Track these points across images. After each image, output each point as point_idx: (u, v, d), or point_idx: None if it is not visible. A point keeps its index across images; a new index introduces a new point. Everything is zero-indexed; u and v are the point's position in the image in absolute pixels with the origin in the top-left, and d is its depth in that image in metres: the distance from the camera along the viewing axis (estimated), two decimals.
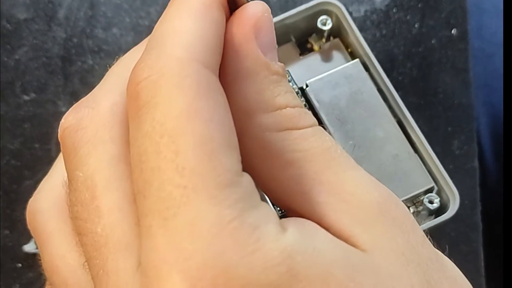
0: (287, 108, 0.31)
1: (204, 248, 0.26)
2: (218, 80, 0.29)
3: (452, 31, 0.51)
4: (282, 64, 0.32)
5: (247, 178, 0.28)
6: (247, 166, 0.30)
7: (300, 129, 0.31)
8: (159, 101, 0.27)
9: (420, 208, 0.40)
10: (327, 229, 0.29)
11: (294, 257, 0.26)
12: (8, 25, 0.51)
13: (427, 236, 0.31)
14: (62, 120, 0.31)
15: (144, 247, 0.27)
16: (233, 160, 0.28)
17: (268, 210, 0.28)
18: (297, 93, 0.42)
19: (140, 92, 0.28)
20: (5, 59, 0.50)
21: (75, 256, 0.33)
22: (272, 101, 0.31)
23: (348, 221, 0.29)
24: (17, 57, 0.50)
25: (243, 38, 0.31)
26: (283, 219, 0.29)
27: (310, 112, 0.32)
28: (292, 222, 0.28)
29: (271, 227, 0.27)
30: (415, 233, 0.30)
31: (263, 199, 0.28)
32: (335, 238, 0.28)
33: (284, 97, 0.31)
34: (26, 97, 0.49)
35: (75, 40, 0.51)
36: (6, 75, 0.50)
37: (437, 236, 0.41)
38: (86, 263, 0.30)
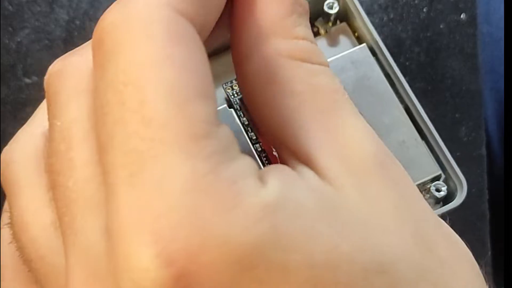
0: (305, 41, 0.30)
1: (176, 206, 0.23)
2: (195, 30, 0.27)
3: (461, 16, 0.50)
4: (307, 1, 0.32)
5: (224, 129, 0.26)
6: (249, 89, 0.30)
7: (313, 64, 0.30)
8: (124, 47, 0.25)
9: (427, 196, 0.40)
10: (315, 171, 0.27)
11: (276, 212, 0.25)
12: (10, 7, 0.50)
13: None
14: (50, 66, 0.30)
15: (108, 207, 0.25)
16: (209, 109, 0.26)
17: (248, 162, 0.26)
18: None
19: (105, 38, 0.26)
20: (7, 41, 0.50)
21: (47, 213, 0.30)
22: (293, 29, 0.30)
23: (339, 167, 0.27)
24: (18, 39, 0.50)
25: None
26: (263, 170, 0.27)
27: (323, 52, 0.31)
28: (273, 173, 0.26)
29: (250, 181, 0.25)
30: (410, 189, 0.29)
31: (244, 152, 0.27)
32: (320, 185, 0.27)
33: (304, 29, 0.30)
34: (27, 80, 0.49)
35: (77, 22, 0.50)
36: (8, 57, 0.49)
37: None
38: (57, 222, 0.28)
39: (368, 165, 0.28)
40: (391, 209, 0.27)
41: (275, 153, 0.39)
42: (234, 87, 0.41)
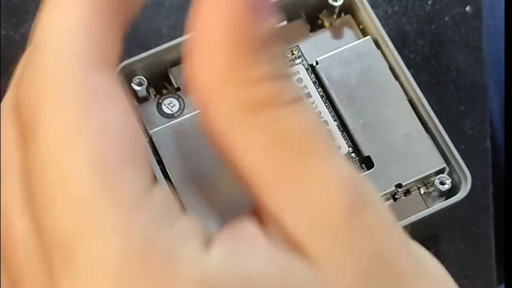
0: (265, 82, 0.25)
1: None
2: (112, 78, 0.25)
3: (466, 8, 0.50)
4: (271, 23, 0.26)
5: (159, 192, 0.24)
6: (214, 144, 0.26)
7: (276, 107, 0.25)
8: (40, 122, 0.24)
9: (431, 189, 0.40)
10: (281, 230, 0.24)
11: (215, 285, 0.22)
12: None
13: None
14: None
15: None
16: (139, 174, 0.24)
17: (189, 225, 0.24)
18: (307, 69, 0.41)
19: (23, 112, 0.25)
20: (11, 33, 0.50)
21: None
22: (246, 72, 0.25)
23: (305, 226, 0.24)
24: (22, 31, 0.50)
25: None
26: (214, 232, 0.25)
27: (294, 82, 0.26)
28: (224, 237, 0.24)
29: (191, 247, 0.23)
30: (390, 239, 0.25)
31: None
32: (276, 253, 0.24)
33: (264, 65, 0.25)
34: None
35: None
36: (12, 49, 0.49)
37: (448, 218, 0.40)
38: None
39: (340, 219, 0.24)
40: (361, 272, 0.23)
41: None
42: None
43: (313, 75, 0.41)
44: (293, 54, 0.42)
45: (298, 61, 0.42)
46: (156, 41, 0.50)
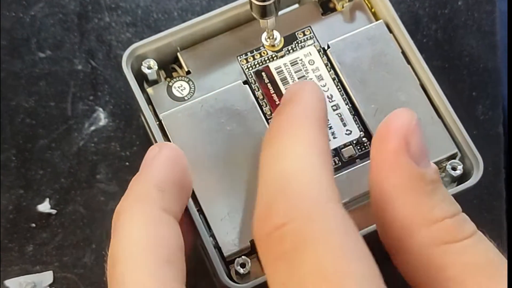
0: (445, 220, 0.32)
1: None
2: (347, 213, 0.30)
3: None
4: (434, 166, 0.33)
5: None
6: (411, 280, 0.32)
7: (459, 241, 0.31)
8: (310, 246, 0.28)
9: (443, 174, 0.39)
10: None
11: None
12: None
13: None
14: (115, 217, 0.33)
15: None
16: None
17: None
18: (319, 51, 0.41)
19: (284, 238, 0.29)
20: (21, 15, 0.49)
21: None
22: (429, 215, 0.32)
23: None
24: (32, 13, 0.50)
25: (395, 153, 0.32)
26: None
27: (468, 218, 0.32)
28: None
29: None
30: None
31: None
32: None
33: (440, 207, 0.32)
34: (41, 54, 0.49)
35: None
36: (22, 31, 0.49)
37: (459, 203, 0.40)
38: None
39: None
40: None
41: None
42: (249, 60, 0.40)
43: (324, 57, 0.41)
44: (305, 35, 0.42)
45: (309, 42, 0.41)
46: (167, 24, 0.50)
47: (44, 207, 0.46)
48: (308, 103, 0.33)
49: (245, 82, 0.40)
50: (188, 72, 0.41)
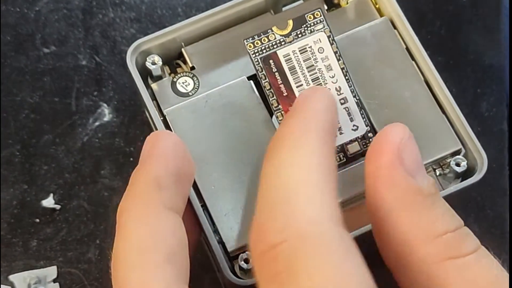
0: (447, 234, 0.31)
1: None
2: (349, 235, 0.29)
3: None
4: (432, 179, 0.33)
5: None
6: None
7: (462, 257, 0.31)
8: (303, 269, 0.27)
9: (447, 170, 0.40)
10: None
11: None
12: None
13: None
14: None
15: None
16: None
17: None
18: (329, 37, 0.40)
19: (277, 258, 0.28)
20: (25, 10, 0.50)
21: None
22: (430, 229, 0.31)
23: None
24: (37, 8, 0.50)
25: (389, 167, 0.32)
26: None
27: (471, 233, 0.32)
28: None
29: None
30: None
31: None
32: None
33: (441, 221, 0.32)
34: (46, 50, 0.49)
35: None
36: (26, 27, 0.49)
37: (463, 200, 0.40)
38: None
39: None
40: None
41: None
42: (256, 44, 0.40)
43: (334, 45, 0.39)
44: (314, 17, 0.40)
45: (319, 26, 0.39)
46: (171, 19, 0.50)
47: (48, 202, 0.46)
48: (315, 114, 0.33)
49: (249, 78, 0.41)
50: (193, 68, 0.41)
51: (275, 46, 0.40)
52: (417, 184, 0.32)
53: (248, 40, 0.39)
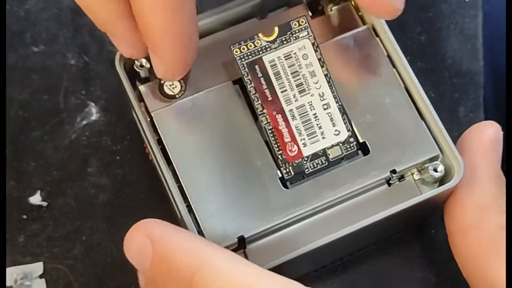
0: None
1: None
2: None
3: None
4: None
5: None
6: (469, 254, 0.39)
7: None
8: None
9: (425, 175, 0.41)
10: None
11: None
12: None
13: None
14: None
15: None
16: None
17: None
18: (313, 44, 0.41)
19: None
20: (16, 9, 0.50)
21: None
22: (503, 205, 0.39)
23: None
24: (27, 7, 0.50)
25: (490, 147, 0.40)
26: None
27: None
28: None
29: None
30: None
31: None
32: None
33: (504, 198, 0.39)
34: (35, 48, 0.49)
35: None
36: (16, 25, 0.50)
37: (441, 204, 0.41)
38: None
39: None
40: None
41: (281, 128, 0.40)
42: (243, 50, 0.41)
43: (318, 52, 0.41)
44: (300, 25, 0.41)
45: (304, 33, 0.41)
46: None
47: (35, 199, 0.46)
48: None
49: (235, 82, 0.41)
50: None
51: (261, 52, 0.41)
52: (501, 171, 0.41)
53: (235, 45, 0.40)
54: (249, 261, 0.35)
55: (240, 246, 0.39)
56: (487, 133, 0.41)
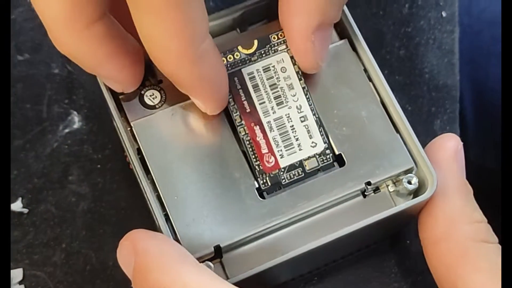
0: (482, 223, 0.40)
1: None
2: None
3: (442, 13, 0.52)
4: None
5: None
6: (440, 265, 0.40)
7: (491, 243, 0.39)
8: None
9: (400, 187, 0.41)
10: None
11: None
12: None
13: None
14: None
15: None
16: None
17: None
18: (292, 57, 0.42)
19: None
20: None
21: None
22: (472, 214, 0.40)
23: None
24: (13, 16, 0.51)
25: (450, 160, 0.41)
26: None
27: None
28: None
29: None
30: None
31: None
32: None
33: (478, 212, 0.41)
34: (20, 57, 0.50)
35: None
36: None
37: (415, 215, 0.42)
38: None
39: None
40: None
41: (259, 139, 0.40)
42: (229, 59, 0.42)
43: (296, 65, 0.42)
44: (278, 38, 0.42)
45: (282, 47, 0.42)
46: None
47: (17, 206, 0.47)
48: None
49: None
50: (160, 81, 0.42)
51: (240, 64, 0.41)
52: (465, 181, 0.42)
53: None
54: (227, 272, 0.38)
55: (217, 255, 0.39)
56: (449, 145, 0.41)
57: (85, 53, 0.38)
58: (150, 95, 0.42)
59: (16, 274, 0.46)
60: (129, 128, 0.41)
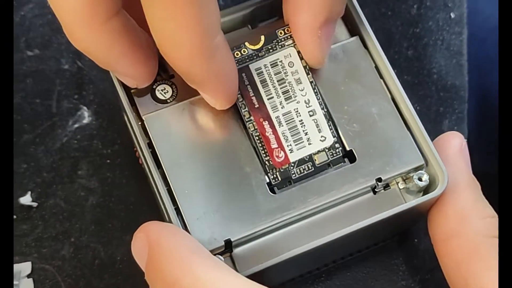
0: (494, 218, 0.40)
1: None
2: None
3: (450, 14, 0.52)
4: None
5: None
6: (451, 261, 0.39)
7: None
8: None
9: (410, 184, 0.41)
10: None
11: None
12: None
13: None
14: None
15: None
16: None
17: None
18: (299, 52, 0.42)
19: None
20: None
21: None
22: (484, 210, 0.40)
23: None
24: (22, 13, 0.51)
25: (457, 157, 0.42)
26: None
27: None
28: None
29: None
30: None
31: None
32: None
33: (489, 207, 0.40)
34: (29, 53, 0.50)
35: None
36: None
37: (425, 213, 0.42)
38: None
39: None
40: None
41: (268, 135, 0.40)
42: (236, 55, 0.42)
43: (304, 60, 0.42)
44: (285, 33, 0.42)
45: (289, 41, 0.42)
46: None
47: (26, 200, 0.47)
48: None
49: None
50: (172, 76, 0.42)
51: (247, 60, 0.41)
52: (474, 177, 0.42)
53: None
54: (236, 266, 0.38)
55: (227, 249, 0.39)
56: (454, 143, 0.42)
57: (101, 49, 0.37)
58: (162, 90, 0.42)
59: (25, 268, 0.46)
60: (140, 122, 0.41)
